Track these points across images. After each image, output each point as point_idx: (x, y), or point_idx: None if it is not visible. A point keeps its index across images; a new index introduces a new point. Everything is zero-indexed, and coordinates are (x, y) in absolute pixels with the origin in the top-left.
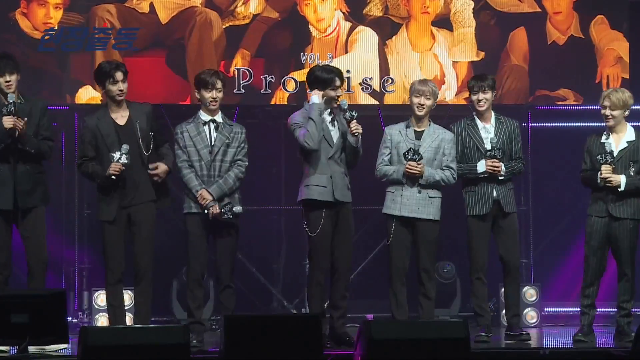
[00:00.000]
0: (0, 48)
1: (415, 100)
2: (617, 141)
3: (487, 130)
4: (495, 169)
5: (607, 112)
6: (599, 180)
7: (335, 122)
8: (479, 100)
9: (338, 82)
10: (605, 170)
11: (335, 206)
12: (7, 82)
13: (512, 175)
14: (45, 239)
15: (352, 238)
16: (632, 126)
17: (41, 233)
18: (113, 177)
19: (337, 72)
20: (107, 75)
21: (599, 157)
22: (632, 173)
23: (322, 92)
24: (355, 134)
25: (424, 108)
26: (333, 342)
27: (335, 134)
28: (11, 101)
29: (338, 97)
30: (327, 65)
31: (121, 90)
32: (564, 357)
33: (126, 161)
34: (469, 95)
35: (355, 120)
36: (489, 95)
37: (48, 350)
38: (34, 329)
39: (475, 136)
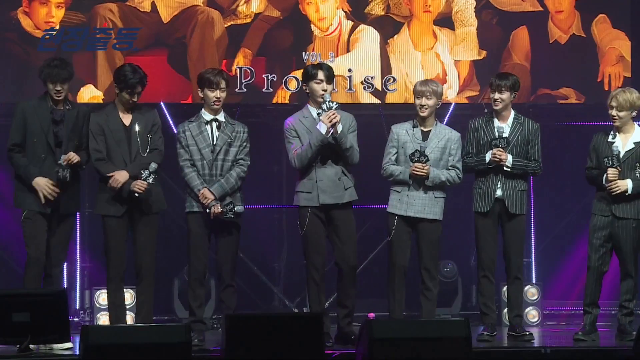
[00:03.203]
0: (2, 47)
1: (417, 101)
2: (624, 142)
3: (503, 130)
4: (498, 157)
5: (614, 112)
6: (604, 182)
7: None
8: (495, 99)
9: (321, 76)
10: (611, 174)
11: (324, 209)
12: (57, 90)
13: (523, 173)
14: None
15: (354, 236)
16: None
17: (69, 237)
18: (136, 194)
19: (323, 67)
20: (126, 85)
21: (605, 159)
22: (637, 174)
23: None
24: (333, 122)
25: (426, 109)
26: (340, 341)
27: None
28: (64, 164)
29: (324, 91)
30: (321, 62)
31: (134, 100)
32: (565, 356)
33: (152, 182)
34: (489, 92)
35: (333, 110)
36: (505, 95)
37: (56, 350)
38: (35, 328)
39: (489, 134)
